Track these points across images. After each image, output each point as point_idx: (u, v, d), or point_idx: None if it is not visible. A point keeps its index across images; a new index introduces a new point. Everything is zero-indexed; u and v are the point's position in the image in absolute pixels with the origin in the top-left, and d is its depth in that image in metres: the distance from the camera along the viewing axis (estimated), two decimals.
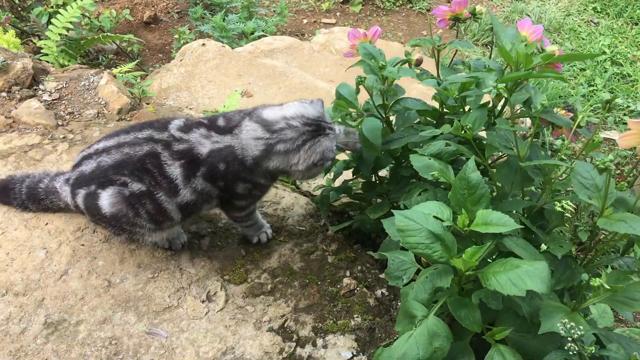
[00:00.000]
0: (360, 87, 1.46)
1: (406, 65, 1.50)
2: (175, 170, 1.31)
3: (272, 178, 1.43)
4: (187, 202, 1.35)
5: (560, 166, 1.22)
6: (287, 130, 1.31)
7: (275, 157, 1.32)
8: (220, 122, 1.38)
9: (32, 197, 1.50)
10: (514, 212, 1.26)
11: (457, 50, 1.61)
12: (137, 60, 2.95)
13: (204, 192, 1.35)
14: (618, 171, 3.08)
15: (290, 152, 1.31)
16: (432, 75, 1.52)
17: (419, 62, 1.51)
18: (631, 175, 2.89)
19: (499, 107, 1.46)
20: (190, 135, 1.34)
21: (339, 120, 1.46)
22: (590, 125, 1.35)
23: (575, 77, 3.70)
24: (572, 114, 1.39)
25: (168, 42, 4.01)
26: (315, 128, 1.33)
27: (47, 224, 1.52)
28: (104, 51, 3.49)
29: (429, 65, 1.68)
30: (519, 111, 1.47)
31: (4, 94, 1.89)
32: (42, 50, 2.37)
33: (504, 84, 1.23)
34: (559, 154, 1.25)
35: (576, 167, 1.17)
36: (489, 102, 1.41)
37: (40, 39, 2.51)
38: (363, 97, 1.45)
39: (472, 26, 3.78)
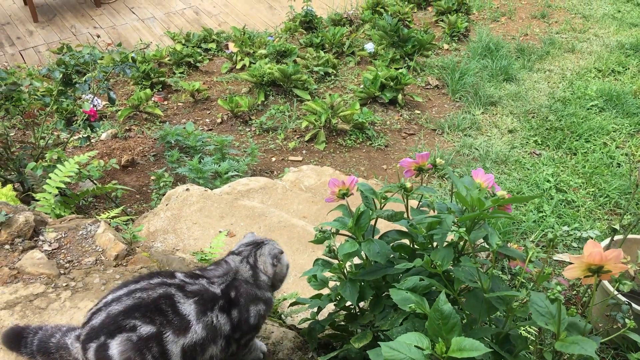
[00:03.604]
0: None
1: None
2: (188, 307, 1.46)
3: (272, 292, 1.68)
4: (195, 342, 1.45)
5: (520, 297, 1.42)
6: (244, 252, 1.66)
7: (257, 265, 1.63)
8: (213, 272, 1.63)
9: (42, 350, 1.58)
10: (484, 338, 1.44)
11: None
12: (123, 207, 3.14)
13: (216, 328, 1.49)
14: (574, 292, 3.31)
15: (255, 262, 1.64)
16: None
17: (411, 189, 1.74)
18: (586, 295, 3.13)
19: (462, 244, 1.68)
20: (199, 281, 1.55)
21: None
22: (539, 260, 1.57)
23: (525, 205, 4.05)
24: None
25: (145, 184, 4.23)
26: (255, 244, 1.69)
27: None
28: (83, 195, 3.66)
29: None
30: (479, 246, 1.70)
31: (7, 246, 2.04)
32: (38, 202, 2.55)
33: (465, 228, 1.46)
34: (518, 277, 1.47)
35: (532, 297, 1.38)
36: (453, 240, 1.64)
37: (35, 192, 2.70)
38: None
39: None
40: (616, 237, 2.90)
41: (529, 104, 5.36)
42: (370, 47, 6.03)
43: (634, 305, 2.60)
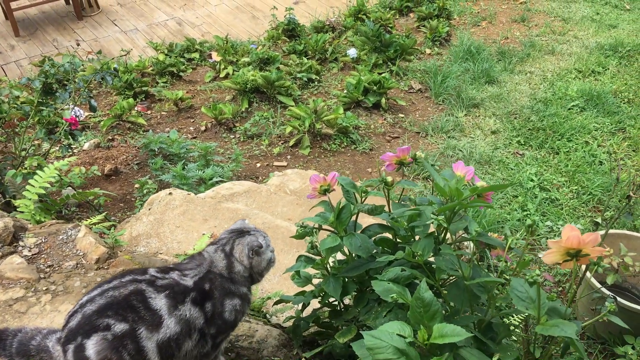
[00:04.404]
0: None
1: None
2: (160, 301, 1.43)
3: (249, 288, 1.65)
4: (169, 338, 1.43)
5: (501, 283, 1.43)
6: (223, 239, 1.64)
7: (233, 254, 1.60)
8: (186, 264, 1.61)
9: (22, 353, 1.54)
10: (467, 326, 1.44)
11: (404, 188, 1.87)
12: (105, 213, 3.12)
13: (189, 321, 1.46)
14: (560, 288, 3.32)
15: (232, 250, 1.61)
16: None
17: (392, 183, 1.75)
18: (570, 291, 3.16)
19: (442, 235, 1.68)
20: (170, 274, 1.52)
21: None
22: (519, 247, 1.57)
23: (509, 204, 4.07)
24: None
25: (129, 192, 4.21)
26: (239, 232, 1.68)
27: None
28: (66, 204, 3.63)
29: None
30: (460, 237, 1.71)
31: None
32: (18, 209, 2.52)
33: (444, 216, 1.46)
34: (503, 274, 1.47)
35: (512, 282, 1.38)
36: (434, 232, 1.64)
37: (15, 198, 2.67)
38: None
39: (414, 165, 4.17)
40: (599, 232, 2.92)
41: (511, 105, 5.40)
42: (352, 52, 6.06)
43: (619, 299, 2.62)
